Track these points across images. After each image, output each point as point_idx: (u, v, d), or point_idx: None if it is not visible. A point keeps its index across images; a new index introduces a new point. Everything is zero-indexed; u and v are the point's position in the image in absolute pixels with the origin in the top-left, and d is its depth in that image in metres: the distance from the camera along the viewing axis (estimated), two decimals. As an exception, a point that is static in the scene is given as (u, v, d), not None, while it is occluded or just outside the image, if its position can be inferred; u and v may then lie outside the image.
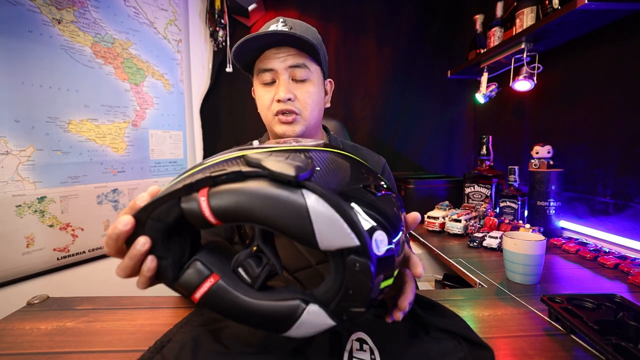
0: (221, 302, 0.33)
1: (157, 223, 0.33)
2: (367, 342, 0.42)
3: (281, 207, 0.28)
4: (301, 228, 0.28)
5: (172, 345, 0.42)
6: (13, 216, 1.02)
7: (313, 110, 0.67)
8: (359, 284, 0.30)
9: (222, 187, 0.30)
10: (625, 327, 0.46)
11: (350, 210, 0.29)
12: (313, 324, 0.32)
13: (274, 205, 0.29)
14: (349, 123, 1.76)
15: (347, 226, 0.29)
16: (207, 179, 0.30)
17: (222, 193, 0.30)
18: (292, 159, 0.31)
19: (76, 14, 1.14)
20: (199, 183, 0.31)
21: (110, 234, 0.33)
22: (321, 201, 0.28)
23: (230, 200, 0.30)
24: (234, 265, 0.35)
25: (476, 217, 1.23)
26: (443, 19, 1.75)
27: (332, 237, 0.29)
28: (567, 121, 1.14)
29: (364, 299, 0.31)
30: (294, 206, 0.28)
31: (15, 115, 1.01)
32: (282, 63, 0.63)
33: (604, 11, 0.88)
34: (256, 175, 0.30)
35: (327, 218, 0.28)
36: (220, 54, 1.65)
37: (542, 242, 0.69)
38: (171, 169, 1.52)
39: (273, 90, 0.65)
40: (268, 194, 0.29)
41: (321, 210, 0.28)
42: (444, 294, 0.67)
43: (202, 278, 0.33)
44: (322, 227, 0.28)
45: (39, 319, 0.53)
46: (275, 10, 1.68)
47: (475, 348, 0.41)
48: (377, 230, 0.31)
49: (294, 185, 0.29)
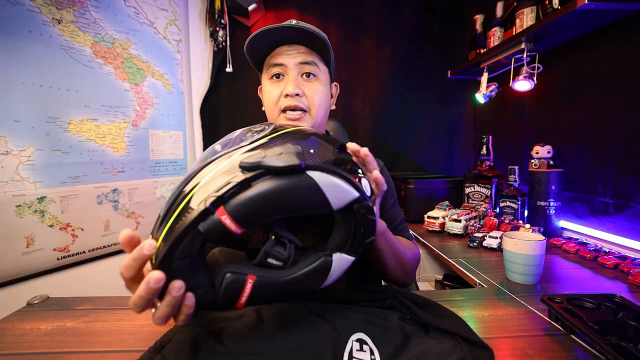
0: (267, 293, 0.37)
1: (183, 261, 0.33)
2: (367, 342, 0.42)
3: (297, 192, 0.34)
4: (318, 201, 0.35)
5: (172, 346, 0.42)
6: (13, 216, 1.02)
7: (320, 109, 0.67)
8: (368, 221, 0.40)
9: (235, 199, 0.32)
10: (625, 327, 0.46)
11: (345, 173, 0.37)
12: (341, 265, 0.40)
13: (290, 194, 0.33)
14: (349, 123, 1.76)
15: (348, 185, 0.37)
16: (219, 199, 0.32)
17: (240, 204, 0.32)
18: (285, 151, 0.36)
19: (76, 14, 1.14)
20: (213, 205, 0.32)
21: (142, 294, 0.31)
22: (323, 174, 0.35)
23: (252, 207, 0.32)
24: (263, 257, 0.38)
25: (476, 217, 1.23)
26: (443, 19, 1.75)
27: (341, 197, 0.37)
28: (567, 121, 1.14)
29: (373, 230, 0.41)
30: (307, 187, 0.34)
31: (15, 115, 1.01)
32: (293, 59, 0.64)
33: (604, 11, 0.88)
34: (260, 175, 0.33)
35: (333, 185, 0.36)
36: (220, 54, 1.65)
37: (542, 242, 0.69)
38: (171, 169, 1.52)
39: (281, 85, 0.65)
40: (282, 187, 0.33)
41: (327, 181, 0.35)
42: (444, 294, 0.67)
43: (241, 284, 0.35)
44: (332, 194, 0.36)
45: (39, 319, 0.53)
46: (275, 11, 1.68)
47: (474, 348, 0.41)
48: (362, 179, 0.41)
49: (298, 171, 0.34)
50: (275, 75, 0.66)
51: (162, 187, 1.48)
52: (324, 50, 0.66)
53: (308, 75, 0.66)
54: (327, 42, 0.65)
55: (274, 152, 0.35)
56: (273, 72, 0.66)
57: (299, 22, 0.65)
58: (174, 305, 0.33)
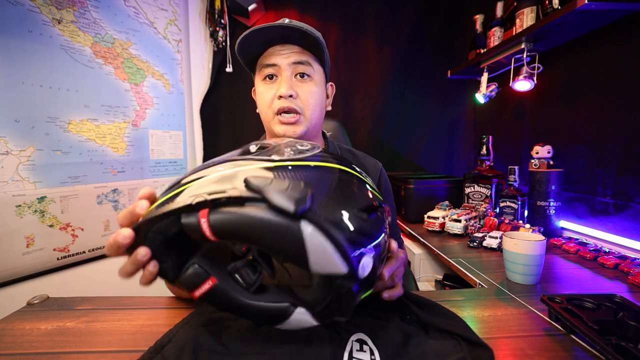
0: (219, 300, 0.36)
1: (157, 235, 0.35)
2: (367, 342, 0.42)
3: (279, 234, 0.30)
4: (296, 254, 0.31)
5: (172, 346, 0.42)
6: (13, 216, 1.02)
7: (315, 110, 0.66)
8: (343, 301, 0.35)
9: (222, 209, 0.31)
10: (625, 327, 0.46)
11: (344, 242, 0.31)
12: (300, 321, 0.36)
13: (272, 232, 0.30)
14: (349, 123, 1.76)
15: (340, 256, 0.31)
16: (207, 202, 0.32)
17: (222, 215, 0.31)
18: (292, 189, 0.31)
19: (76, 14, 1.14)
20: (199, 205, 0.32)
21: (112, 243, 0.36)
22: (317, 233, 0.30)
23: (230, 223, 0.31)
24: (231, 270, 0.37)
25: (476, 217, 1.23)
26: (443, 19, 1.75)
27: (324, 264, 0.31)
28: (567, 121, 1.14)
29: (346, 312, 0.36)
30: (291, 235, 0.30)
31: (15, 115, 1.01)
32: (286, 59, 0.63)
33: (604, 11, 0.88)
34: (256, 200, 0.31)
35: (322, 248, 0.31)
36: (220, 54, 1.65)
37: (542, 242, 0.69)
38: (171, 169, 1.52)
39: (275, 87, 0.64)
40: (266, 222, 0.30)
41: (317, 242, 0.30)
42: (444, 294, 0.67)
43: (201, 281, 0.36)
44: (316, 256, 0.31)
45: (39, 319, 0.53)
46: (275, 11, 1.68)
47: (474, 348, 0.41)
48: (365, 256, 0.34)
49: (291, 216, 0.30)
50: (268, 77, 0.65)
51: (162, 187, 1.48)
52: (318, 50, 0.64)
53: (302, 75, 0.64)
54: (320, 41, 0.62)
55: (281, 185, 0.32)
56: (266, 73, 0.64)
57: (292, 21, 0.63)
58: (137, 266, 0.36)
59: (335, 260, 0.31)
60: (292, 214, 0.30)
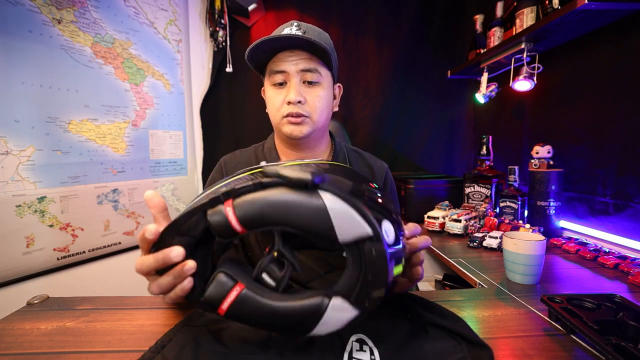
0: (248, 309, 0.35)
1: (185, 238, 0.36)
2: (367, 342, 0.42)
3: (302, 208, 0.32)
4: (322, 225, 0.32)
5: (173, 345, 0.42)
6: (13, 216, 1.02)
7: (322, 114, 0.68)
8: (377, 267, 0.33)
9: (246, 197, 0.33)
10: (625, 327, 0.46)
11: (361, 205, 0.33)
12: (337, 317, 0.34)
13: (295, 208, 0.32)
14: (349, 123, 1.76)
15: (361, 217, 0.32)
16: (230, 192, 0.34)
17: (246, 202, 0.33)
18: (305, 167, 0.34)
19: (76, 14, 1.14)
20: (223, 196, 0.34)
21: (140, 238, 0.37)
22: (336, 199, 0.32)
23: (255, 208, 0.33)
24: (258, 270, 0.37)
25: (476, 217, 1.23)
26: (443, 19, 1.74)
27: (349, 229, 0.32)
28: (567, 121, 1.14)
29: (383, 281, 0.34)
30: (314, 206, 0.32)
31: (15, 115, 1.01)
32: (295, 66, 0.64)
33: (604, 11, 0.88)
34: (275, 184, 0.33)
35: (343, 213, 0.32)
36: (220, 54, 1.65)
37: (542, 242, 0.69)
38: (171, 169, 1.52)
39: (284, 92, 0.66)
40: (289, 199, 0.32)
41: (337, 207, 0.32)
42: (444, 294, 0.67)
43: (228, 288, 0.35)
44: (340, 222, 0.32)
45: (39, 319, 0.53)
46: (275, 11, 1.68)
47: (474, 348, 0.41)
48: (384, 220, 0.35)
49: (311, 188, 0.32)
50: (277, 83, 0.67)
51: (162, 187, 1.48)
52: (326, 56, 0.65)
53: (310, 82, 0.66)
54: (328, 50, 0.63)
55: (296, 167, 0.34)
56: (275, 80, 0.66)
57: (300, 25, 0.64)
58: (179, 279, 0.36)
59: (358, 221, 0.32)
60: (309, 183, 0.32)
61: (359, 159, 0.81)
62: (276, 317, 0.34)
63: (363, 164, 0.81)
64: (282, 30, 0.65)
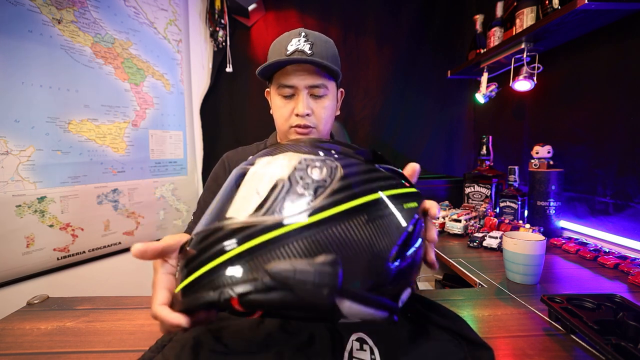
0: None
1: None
2: (367, 342, 0.42)
3: (314, 311, 0.31)
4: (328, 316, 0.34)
5: (173, 345, 0.42)
6: (13, 216, 1.02)
7: (327, 123, 0.71)
8: None
9: (250, 296, 0.29)
10: (625, 327, 0.45)
11: (385, 299, 0.32)
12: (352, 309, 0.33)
13: (307, 310, 0.32)
14: (349, 123, 1.76)
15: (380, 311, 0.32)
16: (239, 295, 0.30)
17: (251, 299, 0.29)
18: (319, 273, 0.29)
19: (76, 14, 1.14)
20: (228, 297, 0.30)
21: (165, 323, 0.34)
22: (354, 305, 0.30)
23: (262, 305, 0.30)
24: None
25: (476, 217, 1.23)
26: (443, 19, 1.74)
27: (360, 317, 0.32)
28: (567, 121, 1.14)
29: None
30: (326, 308, 0.29)
31: (15, 115, 1.01)
32: (303, 81, 0.66)
33: (604, 11, 0.88)
34: (284, 290, 0.29)
35: (362, 313, 0.31)
36: (220, 54, 1.65)
37: (542, 242, 0.69)
38: (171, 169, 1.52)
39: (292, 103, 0.68)
40: (299, 305, 0.29)
41: (355, 311, 0.31)
42: (444, 294, 0.67)
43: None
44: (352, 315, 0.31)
45: (39, 319, 0.53)
46: (275, 10, 1.68)
47: (475, 348, 0.41)
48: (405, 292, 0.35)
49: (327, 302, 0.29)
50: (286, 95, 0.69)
51: (162, 187, 1.48)
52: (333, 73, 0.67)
53: (317, 97, 0.68)
54: (335, 69, 0.65)
55: (307, 275, 0.29)
56: (284, 92, 0.68)
57: (308, 36, 0.66)
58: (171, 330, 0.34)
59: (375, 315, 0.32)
60: (326, 308, 0.29)
61: None
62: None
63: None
64: (289, 40, 0.66)
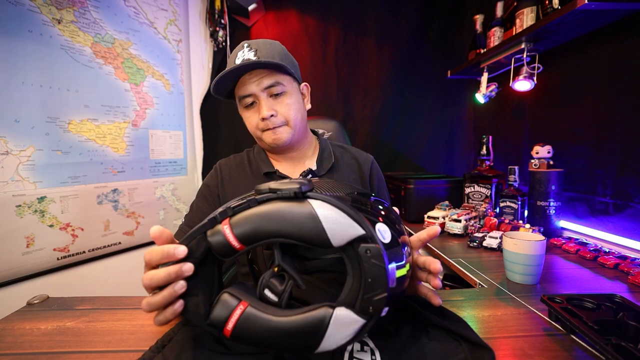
0: (253, 327, 0.35)
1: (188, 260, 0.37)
2: (368, 342, 0.42)
3: (294, 216, 0.34)
4: (314, 230, 0.33)
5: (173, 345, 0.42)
6: (13, 216, 1.02)
7: (296, 118, 0.73)
8: (375, 268, 0.33)
9: (241, 214, 0.36)
10: (625, 327, 0.46)
11: (350, 207, 0.35)
12: (343, 329, 0.34)
13: (287, 217, 0.34)
14: (349, 123, 1.76)
15: (351, 219, 0.34)
16: (227, 210, 0.36)
17: (242, 219, 0.35)
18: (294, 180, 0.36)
19: (76, 14, 1.14)
20: (220, 215, 0.36)
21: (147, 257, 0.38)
22: (325, 204, 0.34)
23: (250, 223, 0.35)
24: (261, 287, 0.38)
25: (476, 217, 1.23)
26: (443, 19, 1.75)
27: (341, 231, 0.33)
28: (567, 121, 1.14)
29: (382, 283, 0.33)
30: (304, 213, 0.34)
31: (15, 115, 1.01)
32: (257, 86, 0.69)
33: (604, 11, 0.88)
34: (267, 199, 0.35)
35: (333, 216, 0.34)
36: (220, 54, 1.65)
37: (542, 242, 0.69)
38: (171, 169, 1.52)
39: (256, 111, 0.71)
40: (280, 210, 0.34)
41: (327, 212, 0.34)
42: (444, 294, 0.67)
43: (232, 307, 0.36)
44: (331, 225, 0.33)
45: (39, 319, 0.53)
46: (275, 10, 1.68)
47: (476, 349, 0.41)
48: (377, 223, 0.36)
49: (300, 197, 0.35)
50: (248, 104, 0.72)
51: (162, 187, 1.48)
52: (282, 67, 0.68)
53: (276, 95, 0.70)
54: (281, 64, 0.67)
55: (285, 181, 0.37)
56: (246, 103, 0.71)
57: (251, 45, 0.68)
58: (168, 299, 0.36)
59: (347, 223, 0.33)
60: (298, 193, 0.34)
61: (344, 153, 0.85)
62: (280, 333, 0.34)
63: (349, 157, 0.84)
64: (235, 56, 0.69)
